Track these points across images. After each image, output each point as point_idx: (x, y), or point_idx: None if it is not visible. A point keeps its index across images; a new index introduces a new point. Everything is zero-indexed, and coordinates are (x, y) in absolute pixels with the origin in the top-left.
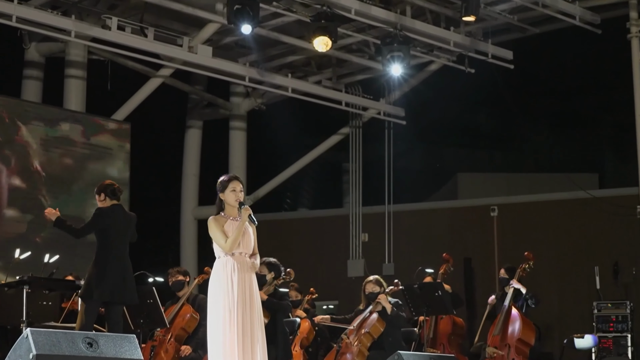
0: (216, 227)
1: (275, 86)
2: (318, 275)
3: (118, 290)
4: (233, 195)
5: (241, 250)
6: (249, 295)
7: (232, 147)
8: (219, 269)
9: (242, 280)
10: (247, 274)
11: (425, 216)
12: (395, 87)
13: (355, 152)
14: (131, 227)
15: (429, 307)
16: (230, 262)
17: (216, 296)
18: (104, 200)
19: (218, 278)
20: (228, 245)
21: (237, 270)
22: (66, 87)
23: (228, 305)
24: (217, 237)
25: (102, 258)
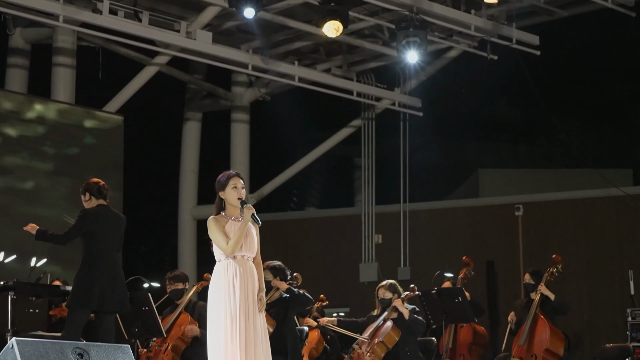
0: (216, 228)
1: (280, 75)
2: (328, 281)
3: (107, 298)
4: (234, 193)
5: (243, 252)
6: (252, 302)
7: (233, 141)
8: (219, 273)
9: (245, 286)
10: (250, 279)
11: (444, 216)
12: (411, 76)
13: (368, 146)
14: (120, 229)
15: (449, 314)
16: (231, 266)
17: (216, 303)
18: (89, 200)
19: (218, 283)
20: (229, 248)
21: (239, 275)
22: (54, 77)
23: (230, 313)
24: (217, 238)
25: (90, 263)
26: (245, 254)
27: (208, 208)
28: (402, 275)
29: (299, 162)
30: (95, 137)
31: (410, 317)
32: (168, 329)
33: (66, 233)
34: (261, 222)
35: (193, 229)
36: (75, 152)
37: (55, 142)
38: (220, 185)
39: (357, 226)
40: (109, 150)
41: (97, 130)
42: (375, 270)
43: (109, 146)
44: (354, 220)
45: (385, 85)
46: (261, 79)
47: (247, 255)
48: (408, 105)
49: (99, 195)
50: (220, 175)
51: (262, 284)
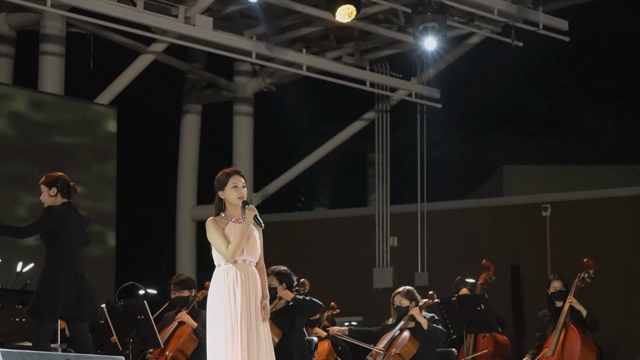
0: (215, 231)
1: (287, 63)
2: (339, 287)
3: (73, 304)
4: (235, 192)
5: (245, 257)
6: (255, 310)
7: (236, 135)
8: (219, 279)
9: (247, 293)
10: (253, 285)
11: (465, 216)
12: (429, 64)
13: (382, 141)
14: (84, 230)
15: (470, 323)
16: (232, 271)
17: (216, 312)
18: (54, 195)
19: (218, 290)
20: (229, 252)
21: (241, 281)
22: (41, 66)
23: (230, 322)
24: (216, 242)
25: (53, 266)
26: (247, 258)
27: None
28: (420, 281)
29: (307, 159)
30: (86, 131)
31: (429, 326)
32: (166, 340)
33: (28, 226)
34: (264, 225)
35: (192, 231)
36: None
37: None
38: (220, 184)
39: (370, 228)
40: (100, 145)
41: (87, 124)
42: (391, 276)
43: (101, 141)
44: (367, 222)
45: (400, 75)
46: (266, 68)
47: (249, 260)
48: (426, 96)
49: (66, 194)
50: (220, 173)
51: (266, 291)
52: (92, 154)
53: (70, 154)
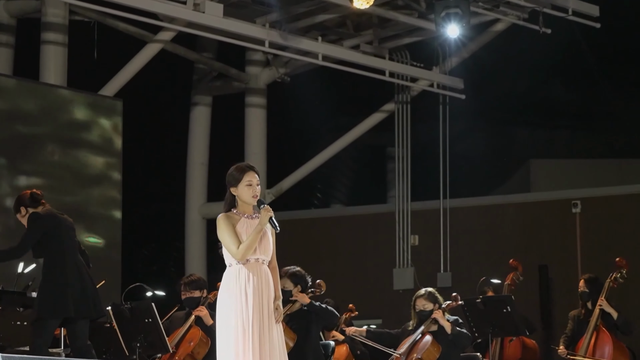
0: (226, 229)
1: (301, 52)
2: (357, 289)
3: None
4: (248, 190)
5: (257, 256)
6: (268, 312)
7: (248, 128)
8: (230, 279)
9: (259, 293)
10: (265, 286)
11: (490, 213)
12: (452, 53)
13: (403, 134)
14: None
15: (496, 327)
16: (243, 271)
17: (227, 314)
18: (25, 215)
19: (229, 291)
20: (240, 253)
21: (253, 281)
22: (43, 56)
23: (241, 324)
24: (227, 241)
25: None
26: (260, 257)
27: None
28: (443, 282)
29: (323, 153)
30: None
31: (453, 330)
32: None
33: (20, 241)
34: (279, 229)
35: (202, 229)
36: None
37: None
38: (233, 179)
39: (390, 226)
40: (105, 139)
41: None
42: (411, 277)
43: (106, 135)
44: (387, 219)
45: (422, 64)
46: (279, 57)
47: (261, 259)
48: (448, 86)
49: (35, 202)
50: (233, 168)
51: (279, 291)
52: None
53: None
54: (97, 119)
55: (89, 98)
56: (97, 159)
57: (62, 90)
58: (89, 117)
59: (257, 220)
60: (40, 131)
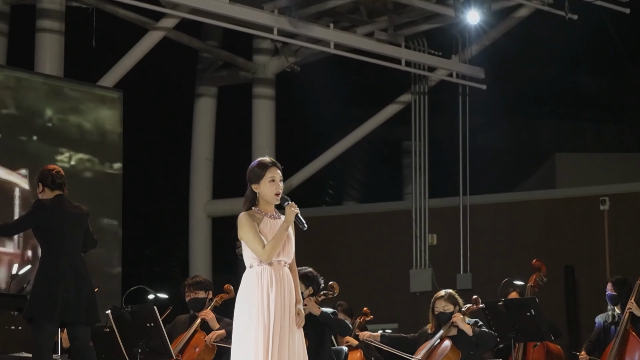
0: (250, 228)
1: (312, 40)
2: (371, 291)
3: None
4: (271, 187)
5: (280, 257)
6: (289, 317)
7: (256, 121)
8: (251, 281)
9: (281, 297)
10: (288, 289)
11: (513, 211)
12: (472, 41)
13: (420, 126)
14: (83, 224)
15: (519, 331)
16: (267, 273)
17: (247, 317)
18: (42, 192)
19: (250, 293)
20: (266, 253)
21: (275, 283)
22: (38, 44)
23: (262, 329)
24: (251, 240)
25: (49, 265)
26: (282, 259)
27: (225, 203)
28: (462, 284)
29: (336, 147)
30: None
31: (474, 331)
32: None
33: (15, 223)
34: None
35: (207, 228)
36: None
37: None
38: (255, 175)
39: (406, 224)
40: (104, 133)
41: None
42: (429, 278)
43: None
44: (403, 217)
45: (440, 53)
46: (289, 45)
47: (284, 261)
48: (468, 76)
49: (54, 185)
50: (255, 164)
51: (299, 295)
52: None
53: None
54: (96, 112)
55: (87, 89)
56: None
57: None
58: (87, 109)
59: (280, 220)
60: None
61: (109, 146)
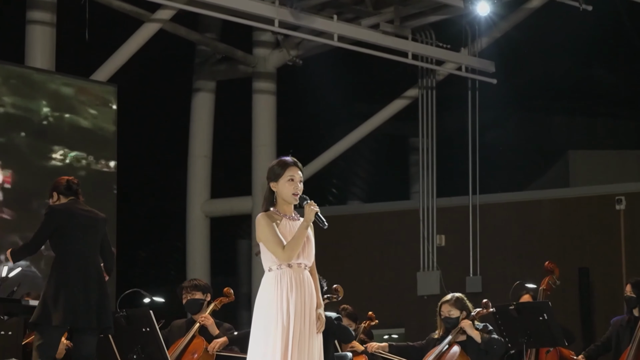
0: (268, 228)
1: (315, 33)
2: (377, 294)
3: (83, 312)
4: (290, 186)
5: (300, 260)
6: (309, 321)
7: (256, 117)
8: (270, 284)
9: (302, 300)
10: (308, 292)
11: (525, 211)
12: (482, 33)
13: (427, 122)
14: (99, 229)
15: (531, 336)
16: (286, 275)
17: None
18: (57, 200)
19: (269, 297)
20: (286, 253)
21: (295, 287)
22: (29, 37)
23: (281, 334)
24: (270, 241)
25: (60, 269)
26: (302, 261)
27: (224, 203)
28: (472, 287)
29: (340, 144)
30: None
31: (483, 338)
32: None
33: (33, 237)
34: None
35: (205, 229)
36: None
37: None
38: (274, 174)
39: (413, 225)
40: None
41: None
42: (437, 281)
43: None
44: (410, 217)
45: (448, 45)
46: (290, 38)
47: (304, 264)
48: (478, 69)
49: (69, 191)
50: (275, 162)
51: (320, 299)
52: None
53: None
54: (89, 107)
55: (80, 83)
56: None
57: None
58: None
59: (299, 222)
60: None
61: (103, 143)
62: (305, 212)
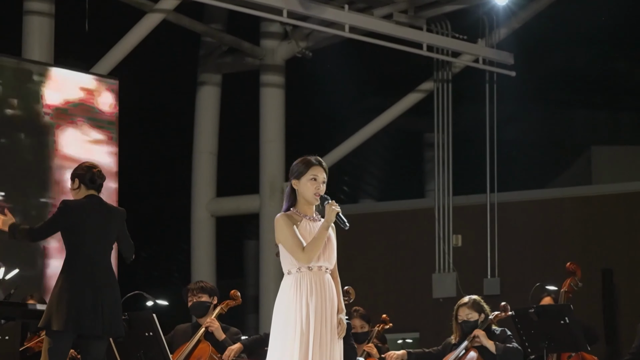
0: (288, 230)
1: (325, 23)
2: (390, 297)
3: (91, 316)
4: (312, 186)
5: (321, 263)
6: (331, 327)
7: (264, 111)
8: (288, 288)
9: (322, 305)
10: (329, 297)
11: (546, 209)
12: (500, 23)
13: (443, 117)
14: (114, 227)
15: (552, 341)
16: (306, 279)
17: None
18: (77, 188)
19: (288, 301)
20: (307, 254)
21: (315, 291)
22: (26, 28)
23: (300, 339)
24: (290, 242)
25: (70, 271)
26: (324, 264)
27: (230, 201)
28: (490, 289)
29: (351, 140)
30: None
31: (498, 348)
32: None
33: (40, 227)
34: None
35: (211, 229)
36: None
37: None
38: (297, 171)
39: (429, 224)
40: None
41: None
42: (454, 283)
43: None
44: (425, 216)
45: (465, 36)
46: (300, 28)
47: (325, 267)
48: (496, 62)
49: (92, 184)
50: (299, 160)
51: (342, 304)
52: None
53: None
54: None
55: (79, 77)
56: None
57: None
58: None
59: (320, 223)
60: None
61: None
62: (326, 212)
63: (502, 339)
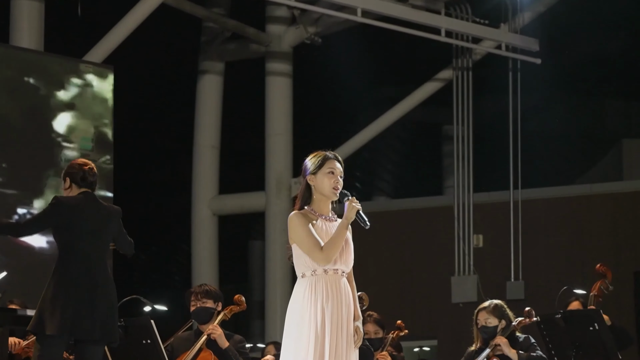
0: (303, 228)
1: (336, 7)
2: (406, 301)
3: (85, 320)
4: (329, 180)
5: (337, 266)
6: (347, 335)
7: (269, 102)
8: (303, 292)
9: (338, 311)
10: (345, 303)
11: (573, 207)
12: (524, 7)
13: (463, 108)
14: (110, 226)
15: (580, 348)
16: (322, 282)
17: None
18: (69, 187)
19: (302, 306)
20: (324, 255)
21: (331, 296)
22: (14, 14)
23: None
24: (305, 242)
25: (65, 271)
26: (340, 267)
27: (234, 199)
28: (513, 293)
29: (364, 132)
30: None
31: (521, 357)
32: None
33: (27, 222)
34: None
35: (213, 228)
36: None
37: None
38: (312, 165)
39: (448, 223)
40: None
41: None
42: (474, 287)
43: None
44: (444, 215)
45: (486, 21)
46: (308, 13)
47: (341, 270)
48: (520, 48)
49: (83, 182)
50: (312, 154)
51: (358, 310)
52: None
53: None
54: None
55: (72, 65)
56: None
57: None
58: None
59: (337, 223)
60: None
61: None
62: (346, 209)
63: (526, 347)
